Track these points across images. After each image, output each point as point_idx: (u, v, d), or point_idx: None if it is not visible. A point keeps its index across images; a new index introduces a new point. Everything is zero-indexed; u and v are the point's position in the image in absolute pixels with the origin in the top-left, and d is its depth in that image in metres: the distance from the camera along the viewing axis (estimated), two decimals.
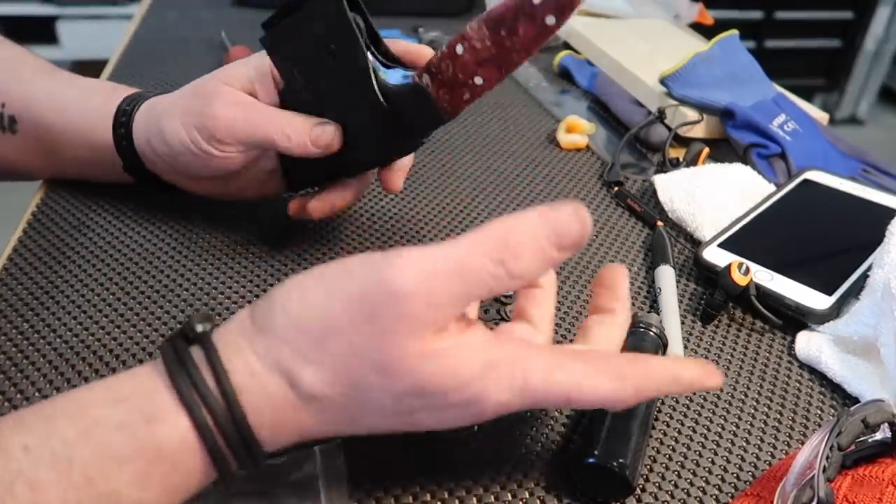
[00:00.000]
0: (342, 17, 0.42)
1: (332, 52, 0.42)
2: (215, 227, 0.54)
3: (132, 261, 0.50)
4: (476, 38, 0.38)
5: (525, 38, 0.37)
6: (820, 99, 3.03)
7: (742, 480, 0.39)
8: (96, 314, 0.45)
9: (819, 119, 0.76)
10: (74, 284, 0.47)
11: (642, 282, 0.53)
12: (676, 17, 1.05)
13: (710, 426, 0.42)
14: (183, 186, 0.51)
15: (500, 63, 0.38)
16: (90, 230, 0.53)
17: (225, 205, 0.54)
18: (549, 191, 0.64)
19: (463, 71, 0.39)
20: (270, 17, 0.44)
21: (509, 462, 0.38)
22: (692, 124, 0.71)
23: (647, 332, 0.43)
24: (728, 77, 0.75)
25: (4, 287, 0.47)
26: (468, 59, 0.39)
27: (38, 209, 0.54)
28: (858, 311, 0.47)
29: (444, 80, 0.40)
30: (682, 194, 0.60)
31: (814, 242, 0.56)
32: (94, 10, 2.47)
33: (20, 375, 0.41)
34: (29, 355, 0.42)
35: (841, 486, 0.33)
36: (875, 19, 2.81)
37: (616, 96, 0.80)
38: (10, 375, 0.40)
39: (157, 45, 0.87)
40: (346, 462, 0.37)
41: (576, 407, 0.39)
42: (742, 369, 0.46)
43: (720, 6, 1.66)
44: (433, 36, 0.96)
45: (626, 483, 0.35)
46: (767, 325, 0.50)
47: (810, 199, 0.61)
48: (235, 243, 0.53)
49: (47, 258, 0.50)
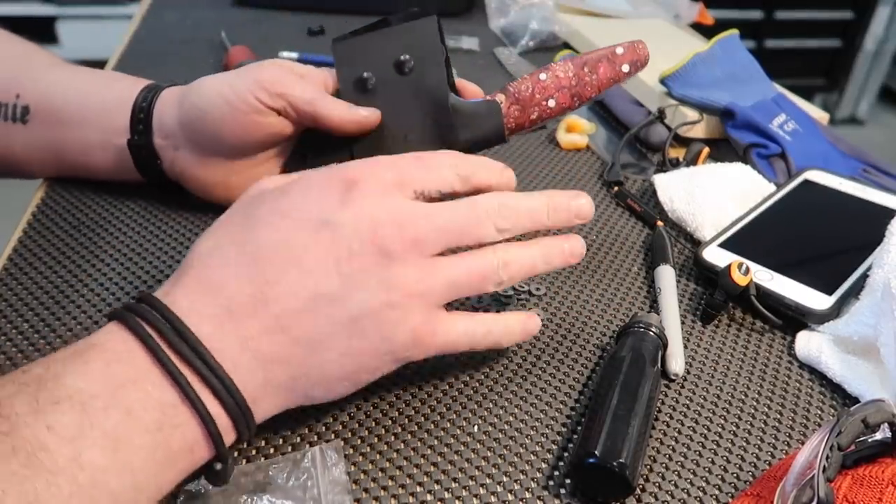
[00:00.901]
0: (436, 40, 0.46)
1: (409, 69, 0.46)
2: None
3: (132, 260, 0.50)
4: (560, 70, 0.46)
5: (602, 77, 0.46)
6: (820, 99, 3.03)
7: (742, 480, 0.39)
8: (96, 314, 0.45)
9: (819, 119, 0.76)
10: (74, 284, 0.47)
11: (642, 282, 0.53)
12: (676, 17, 1.05)
13: (710, 426, 0.42)
14: (183, 177, 0.51)
15: (575, 93, 0.46)
16: (90, 230, 0.53)
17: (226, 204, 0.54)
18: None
19: (541, 92, 0.46)
20: (352, 31, 0.47)
21: (509, 462, 0.38)
22: (692, 124, 0.71)
23: (647, 332, 0.43)
24: (728, 77, 0.75)
25: (4, 287, 0.47)
26: (549, 84, 0.46)
27: (38, 208, 0.54)
28: (858, 311, 0.47)
29: (519, 98, 0.45)
30: (682, 194, 0.60)
31: (814, 242, 0.56)
32: (94, 10, 2.47)
33: None
34: (29, 355, 0.42)
35: (841, 486, 0.33)
36: (875, 19, 2.81)
37: (616, 96, 0.80)
38: None
39: (157, 45, 0.87)
40: (346, 462, 0.37)
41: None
42: (742, 369, 0.46)
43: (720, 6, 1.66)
44: None
45: (626, 483, 0.35)
46: (767, 325, 0.50)
47: (810, 199, 0.61)
48: None
49: (47, 258, 0.50)
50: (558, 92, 0.45)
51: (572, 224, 0.40)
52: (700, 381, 0.45)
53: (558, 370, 0.44)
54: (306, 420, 0.39)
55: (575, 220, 0.39)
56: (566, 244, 0.40)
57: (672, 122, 0.72)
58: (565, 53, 0.91)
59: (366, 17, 1.05)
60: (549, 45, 0.98)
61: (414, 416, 0.40)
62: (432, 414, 0.41)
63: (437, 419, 0.40)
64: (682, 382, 0.45)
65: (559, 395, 0.43)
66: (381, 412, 0.40)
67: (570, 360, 0.45)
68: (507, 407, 0.41)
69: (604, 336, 0.48)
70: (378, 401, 0.41)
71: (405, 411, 0.41)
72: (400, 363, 0.36)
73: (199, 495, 0.34)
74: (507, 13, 1.01)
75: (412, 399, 0.41)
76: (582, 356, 0.46)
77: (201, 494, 0.34)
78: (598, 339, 0.47)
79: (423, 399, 0.41)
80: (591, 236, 0.58)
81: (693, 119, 0.71)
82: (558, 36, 0.98)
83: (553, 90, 0.45)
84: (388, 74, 0.46)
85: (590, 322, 0.49)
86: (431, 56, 0.45)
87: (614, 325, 0.49)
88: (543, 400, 0.42)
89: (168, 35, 0.90)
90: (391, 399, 0.41)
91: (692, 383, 0.45)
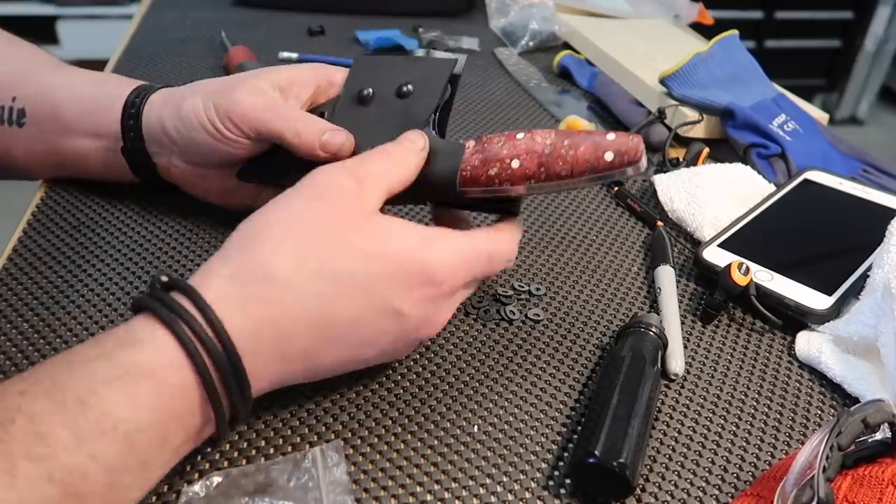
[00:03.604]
0: (443, 79, 0.45)
1: (406, 95, 0.45)
2: (215, 226, 0.54)
3: (132, 260, 0.50)
4: (540, 135, 0.40)
5: (579, 157, 0.39)
6: (820, 99, 3.03)
7: (742, 480, 0.39)
8: (96, 314, 0.45)
9: (819, 119, 0.76)
10: (74, 284, 0.47)
11: (642, 282, 0.53)
12: (676, 17, 1.05)
13: (710, 426, 0.42)
14: (179, 182, 0.51)
15: (544, 162, 0.39)
16: (90, 230, 0.53)
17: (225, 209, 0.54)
18: None
19: (510, 149, 0.40)
20: (376, 50, 0.47)
21: (509, 462, 0.38)
22: (692, 124, 0.71)
23: (647, 332, 0.43)
24: (728, 77, 0.75)
25: (4, 287, 0.47)
26: (521, 144, 0.40)
27: (38, 209, 0.54)
28: (858, 311, 0.47)
29: (485, 149, 0.41)
30: (682, 194, 0.60)
31: (814, 242, 0.56)
32: (94, 10, 2.47)
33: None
34: (29, 355, 0.42)
35: (841, 486, 0.33)
36: (875, 19, 2.81)
37: (616, 96, 0.80)
38: (10, 375, 0.40)
39: (157, 45, 0.87)
40: (346, 462, 0.37)
41: (495, 266, 0.41)
42: (742, 369, 0.46)
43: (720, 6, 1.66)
44: (433, 36, 0.96)
45: (626, 483, 0.35)
46: (767, 325, 0.50)
47: (810, 199, 0.61)
48: None
49: (47, 258, 0.50)
50: (527, 155, 0.40)
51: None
52: (700, 381, 0.45)
53: (558, 370, 0.44)
54: (306, 420, 0.39)
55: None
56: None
57: (672, 122, 0.72)
58: (565, 54, 0.91)
59: (366, 17, 1.06)
60: (549, 45, 0.98)
61: (414, 416, 0.40)
62: (432, 414, 0.41)
63: (437, 419, 0.40)
64: (682, 382, 0.45)
65: (559, 395, 0.43)
66: (381, 412, 0.40)
67: (570, 360, 0.45)
68: (507, 407, 0.41)
69: (604, 336, 0.48)
70: (378, 401, 0.41)
71: (405, 411, 0.41)
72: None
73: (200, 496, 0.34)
74: (507, 13, 1.01)
75: (412, 399, 0.41)
76: (582, 356, 0.46)
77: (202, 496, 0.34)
78: (598, 339, 0.47)
79: (423, 399, 0.41)
80: (592, 236, 0.58)
81: (693, 119, 0.71)
82: (558, 36, 0.98)
83: (522, 151, 0.40)
84: (387, 94, 0.46)
85: (590, 322, 0.49)
86: (431, 90, 0.45)
87: (614, 325, 0.49)
88: (543, 400, 0.42)
89: (168, 35, 0.90)
90: (391, 399, 0.41)
91: (692, 383, 0.45)
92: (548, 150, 0.39)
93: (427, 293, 0.36)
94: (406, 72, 0.47)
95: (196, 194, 0.52)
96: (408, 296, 0.36)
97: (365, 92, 0.47)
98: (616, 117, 0.79)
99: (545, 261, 0.54)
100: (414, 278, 0.36)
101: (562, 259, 0.55)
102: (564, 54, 0.91)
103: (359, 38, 0.94)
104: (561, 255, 0.55)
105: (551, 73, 0.91)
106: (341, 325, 0.35)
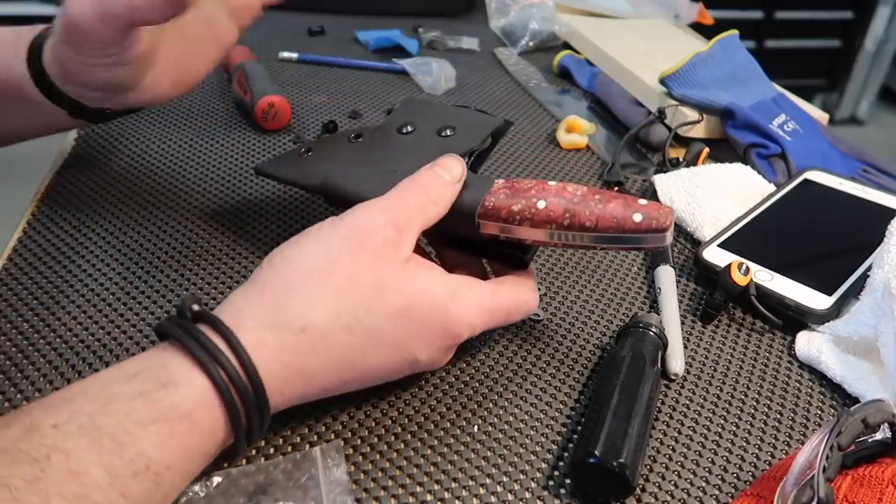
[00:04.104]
0: (485, 132, 0.46)
1: (444, 136, 0.46)
2: (215, 226, 0.54)
3: (132, 260, 0.50)
4: (572, 186, 0.40)
5: (607, 211, 0.38)
6: (820, 99, 3.03)
7: (742, 480, 0.39)
8: (96, 314, 0.45)
9: (819, 119, 0.76)
10: (74, 284, 0.47)
11: (642, 282, 0.53)
12: (676, 17, 1.05)
13: (710, 426, 0.42)
14: (96, 101, 0.48)
15: (569, 208, 0.39)
16: (90, 230, 0.53)
17: (225, 204, 0.54)
18: None
19: (538, 190, 0.40)
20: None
21: (509, 462, 0.38)
22: (692, 124, 0.71)
23: (647, 332, 0.43)
24: (728, 77, 0.75)
25: (4, 287, 0.47)
26: (551, 188, 0.40)
27: (38, 209, 0.54)
28: (858, 311, 0.47)
29: (513, 187, 0.40)
30: (682, 194, 0.60)
31: (814, 242, 0.56)
32: None
33: (20, 375, 0.41)
34: (29, 355, 0.42)
35: (841, 486, 0.33)
36: (875, 19, 2.81)
37: (616, 96, 0.80)
38: (9, 375, 0.40)
39: None
40: (346, 462, 0.37)
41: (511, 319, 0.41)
42: (742, 369, 0.46)
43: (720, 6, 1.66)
44: (433, 36, 0.96)
45: (626, 483, 0.35)
46: (767, 325, 0.50)
47: (810, 199, 0.61)
48: (235, 243, 0.53)
49: (47, 258, 0.50)
50: (555, 198, 0.39)
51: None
52: (700, 381, 0.45)
53: (558, 370, 0.44)
54: (306, 420, 0.39)
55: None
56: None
57: (672, 122, 0.72)
58: (565, 54, 0.91)
59: (366, 17, 1.06)
60: (549, 46, 0.98)
61: (414, 416, 0.40)
62: (432, 414, 0.41)
63: (437, 419, 0.40)
64: (682, 382, 0.45)
65: (559, 395, 0.43)
66: (381, 412, 0.40)
67: (570, 360, 0.45)
68: (507, 407, 0.41)
69: (604, 336, 0.48)
70: (378, 401, 0.41)
71: (405, 411, 0.41)
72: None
73: (200, 496, 0.34)
74: (507, 13, 1.01)
75: (412, 399, 0.41)
76: (582, 356, 0.46)
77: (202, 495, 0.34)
78: (598, 339, 0.47)
79: (423, 399, 0.41)
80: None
81: (693, 119, 0.71)
82: (558, 36, 0.98)
83: (551, 195, 0.39)
84: (427, 131, 0.47)
85: (590, 322, 0.49)
86: (472, 135, 0.46)
87: (614, 325, 0.49)
88: (543, 400, 0.42)
89: None
90: (391, 399, 0.41)
91: (692, 383, 0.45)
92: (577, 200, 0.39)
93: (446, 344, 0.38)
94: (451, 118, 0.47)
95: (132, 99, 0.47)
96: (428, 347, 0.38)
97: (406, 127, 0.47)
98: (616, 117, 0.79)
99: (545, 261, 0.54)
100: (438, 334, 0.37)
101: (562, 259, 0.55)
102: (564, 54, 0.91)
103: (359, 38, 0.94)
104: (561, 255, 0.55)
105: (551, 73, 0.91)
106: (361, 369, 0.37)
